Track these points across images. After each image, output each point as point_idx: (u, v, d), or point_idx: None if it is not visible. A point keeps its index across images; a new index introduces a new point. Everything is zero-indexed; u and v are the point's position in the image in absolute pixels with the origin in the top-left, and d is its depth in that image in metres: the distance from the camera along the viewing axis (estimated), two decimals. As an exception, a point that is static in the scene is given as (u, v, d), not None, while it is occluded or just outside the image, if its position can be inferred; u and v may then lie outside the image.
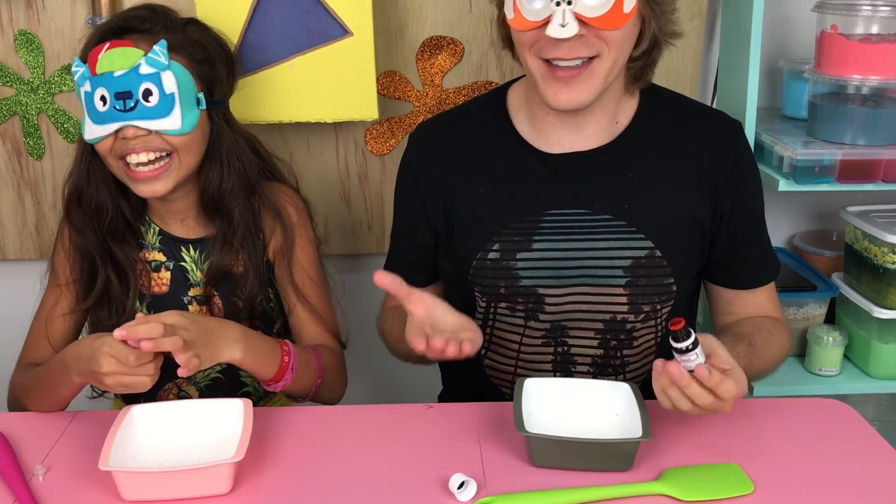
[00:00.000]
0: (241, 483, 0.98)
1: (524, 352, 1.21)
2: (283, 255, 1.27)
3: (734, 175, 1.17)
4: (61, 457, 1.05)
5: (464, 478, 0.96)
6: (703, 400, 0.96)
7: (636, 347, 1.20)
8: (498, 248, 1.17)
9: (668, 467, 1.00)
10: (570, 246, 1.15)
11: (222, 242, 1.24)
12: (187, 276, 1.27)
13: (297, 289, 1.27)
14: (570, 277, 1.15)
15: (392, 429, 1.10)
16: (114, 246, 1.23)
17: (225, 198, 1.23)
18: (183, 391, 1.31)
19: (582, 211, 1.15)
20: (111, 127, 1.14)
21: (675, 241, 1.15)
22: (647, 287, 1.15)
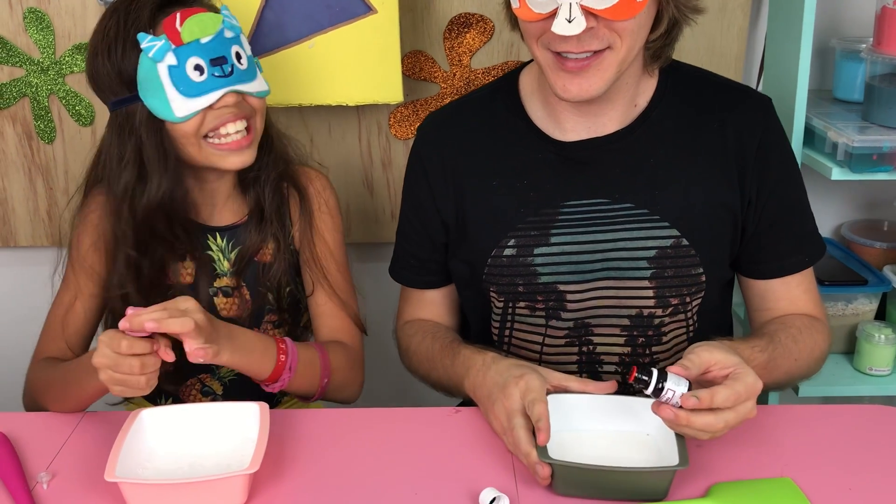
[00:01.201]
0: (256, 494, 0.92)
1: (547, 353, 1.14)
2: (307, 239, 1.21)
3: (762, 154, 1.09)
4: (68, 462, 0.99)
5: (495, 493, 0.89)
6: (718, 424, 0.88)
7: (666, 343, 1.13)
8: (514, 243, 1.10)
9: (716, 482, 0.93)
10: (590, 238, 1.09)
11: (255, 226, 1.18)
12: (214, 266, 1.20)
13: (322, 272, 1.21)
14: (592, 272, 1.09)
15: (416, 435, 1.03)
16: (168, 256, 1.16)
17: (263, 182, 1.18)
18: (207, 386, 1.26)
19: (601, 200, 1.09)
20: (213, 96, 1.06)
21: (703, 228, 1.09)
22: (674, 279, 1.08)
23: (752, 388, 0.89)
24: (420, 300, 1.25)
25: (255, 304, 1.20)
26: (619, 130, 1.10)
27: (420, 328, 1.21)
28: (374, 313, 1.63)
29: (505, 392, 0.97)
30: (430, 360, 1.16)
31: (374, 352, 1.66)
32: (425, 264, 1.22)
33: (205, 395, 1.26)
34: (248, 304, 1.21)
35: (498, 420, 0.98)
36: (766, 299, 1.15)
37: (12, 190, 1.59)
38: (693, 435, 0.90)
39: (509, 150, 1.13)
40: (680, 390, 0.88)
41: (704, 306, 1.13)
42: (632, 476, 0.90)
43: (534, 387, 0.95)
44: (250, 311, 1.20)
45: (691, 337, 1.14)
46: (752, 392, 0.89)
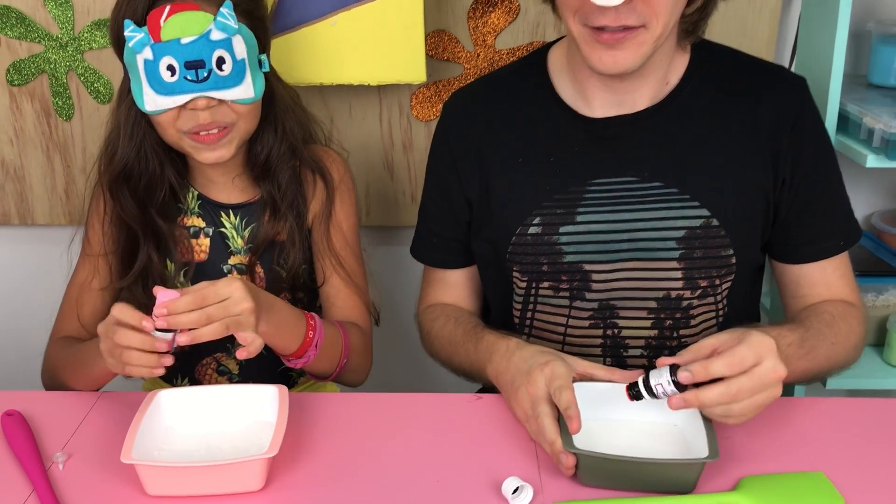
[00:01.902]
0: (274, 479, 0.90)
1: (571, 335, 1.12)
2: (323, 220, 1.20)
3: (797, 135, 1.06)
4: (84, 443, 0.98)
5: (519, 482, 0.87)
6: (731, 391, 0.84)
7: (694, 327, 1.10)
8: (539, 221, 1.08)
9: (745, 476, 0.90)
10: (617, 217, 1.06)
11: (270, 210, 1.17)
12: (227, 244, 1.19)
13: (337, 256, 1.19)
14: (619, 252, 1.07)
15: (437, 421, 1.01)
16: (160, 221, 1.16)
17: (275, 163, 1.16)
18: (223, 365, 1.24)
19: (630, 179, 1.06)
20: (181, 99, 1.05)
21: (734, 209, 1.06)
22: (703, 260, 1.06)
23: (759, 348, 0.86)
24: (442, 282, 1.23)
25: (269, 282, 1.19)
26: (650, 107, 1.07)
27: (442, 312, 1.19)
28: (393, 298, 1.62)
29: (529, 378, 0.95)
30: (451, 344, 1.14)
31: (391, 337, 1.64)
32: (448, 243, 1.20)
33: (220, 375, 1.25)
34: (262, 282, 1.19)
35: (521, 407, 0.96)
36: (801, 285, 1.11)
37: (30, 167, 1.58)
38: (718, 416, 0.87)
39: (537, 127, 1.11)
40: (665, 375, 0.87)
41: (735, 290, 1.10)
42: (661, 468, 0.87)
43: (560, 374, 0.93)
44: (264, 289, 1.19)
45: (721, 322, 1.11)
46: (760, 352, 0.85)
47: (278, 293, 1.19)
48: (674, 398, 0.87)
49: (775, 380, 0.87)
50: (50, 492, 0.88)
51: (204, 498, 0.87)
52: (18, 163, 1.57)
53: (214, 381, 1.25)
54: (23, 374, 1.34)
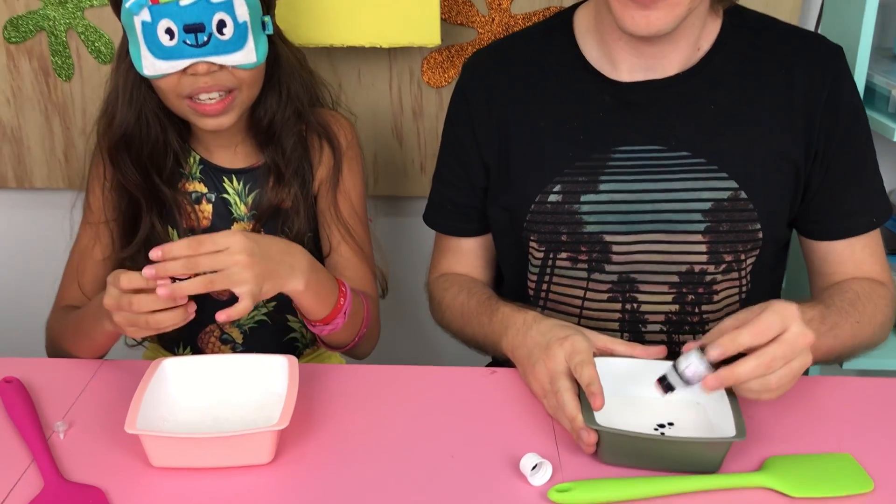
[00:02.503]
0: (283, 452, 0.87)
1: (588, 308, 1.09)
2: (330, 186, 1.16)
3: (831, 106, 1.02)
4: (85, 412, 0.94)
5: (537, 459, 0.84)
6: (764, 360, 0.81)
7: (717, 303, 1.07)
8: (560, 189, 1.04)
9: (770, 456, 0.87)
10: (642, 187, 1.03)
11: (274, 176, 1.13)
12: (230, 210, 1.15)
13: (345, 224, 1.16)
14: (642, 223, 1.03)
15: (451, 395, 0.98)
16: (163, 187, 1.12)
17: (280, 128, 1.12)
18: (226, 334, 1.21)
19: (656, 147, 1.03)
20: (180, 64, 1.01)
21: (763, 181, 1.02)
22: (729, 234, 1.02)
23: (784, 314, 0.82)
24: (456, 251, 1.19)
25: None
26: (680, 74, 1.03)
27: (455, 282, 1.16)
28: (401, 271, 1.58)
29: (548, 353, 0.92)
30: (464, 315, 1.10)
31: (399, 310, 1.61)
32: (463, 210, 1.16)
33: (224, 344, 1.22)
34: None
35: (539, 382, 0.93)
36: (828, 262, 1.08)
37: (28, 129, 1.53)
38: (755, 391, 0.84)
39: (560, 90, 1.07)
40: (694, 357, 0.83)
41: (759, 266, 1.07)
42: (687, 447, 0.84)
43: (580, 348, 0.90)
44: None
45: (744, 298, 1.08)
46: (785, 318, 0.82)
47: None
48: (709, 378, 0.83)
49: (805, 345, 0.83)
50: (50, 461, 0.85)
51: (210, 471, 0.84)
52: (16, 123, 1.52)
53: (217, 351, 1.22)
54: (23, 341, 1.30)
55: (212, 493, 0.82)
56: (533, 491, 0.83)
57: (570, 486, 0.81)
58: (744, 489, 0.83)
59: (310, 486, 0.83)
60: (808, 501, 0.82)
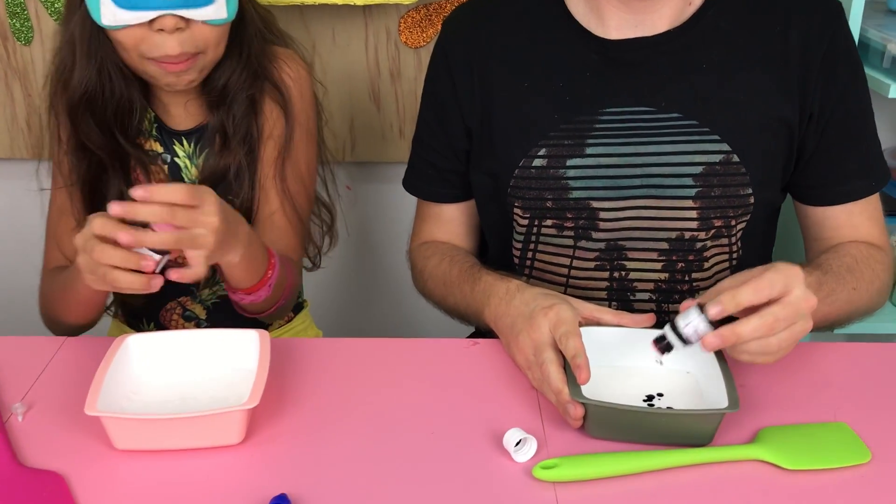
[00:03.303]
0: (254, 431, 0.83)
1: (574, 277, 1.05)
2: (279, 154, 1.09)
3: (828, 64, 0.98)
4: (46, 393, 0.89)
5: (522, 434, 0.80)
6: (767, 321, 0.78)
7: (707, 270, 1.03)
8: (545, 153, 1.00)
9: (764, 426, 0.84)
10: (630, 151, 0.99)
11: (221, 140, 1.07)
12: (181, 176, 1.10)
13: (288, 196, 1.09)
14: (630, 188, 0.99)
15: (430, 368, 0.94)
16: (130, 147, 1.06)
17: (233, 90, 1.06)
18: (188, 310, 1.16)
19: (645, 109, 0.99)
20: (146, 15, 0.94)
21: (757, 144, 0.99)
22: (721, 199, 0.99)
23: (787, 274, 0.79)
24: (437, 217, 1.15)
25: None
26: (670, 30, 0.98)
27: (437, 250, 1.11)
28: (382, 239, 1.54)
29: (532, 323, 0.87)
30: (446, 284, 1.06)
31: (378, 281, 1.57)
32: (444, 175, 1.11)
33: (187, 321, 1.17)
34: None
35: (523, 353, 0.89)
36: (825, 228, 1.05)
37: (-13, 96, 1.46)
38: (754, 353, 0.81)
39: (545, 49, 1.01)
40: (694, 314, 0.80)
41: (749, 232, 1.03)
42: (678, 419, 0.81)
43: (565, 318, 0.86)
44: None
45: (734, 265, 1.05)
46: (788, 279, 0.79)
47: None
48: (709, 337, 0.80)
49: (807, 309, 0.80)
50: (7, 446, 0.80)
51: (177, 452, 0.80)
52: (-26, 91, 1.46)
53: (180, 327, 1.18)
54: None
55: (179, 476, 0.78)
56: (517, 468, 0.79)
57: (556, 463, 0.78)
58: (737, 462, 0.80)
59: (283, 467, 0.79)
60: (804, 474, 0.79)
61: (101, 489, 0.76)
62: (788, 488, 0.77)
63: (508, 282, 0.96)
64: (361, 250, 1.56)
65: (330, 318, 1.51)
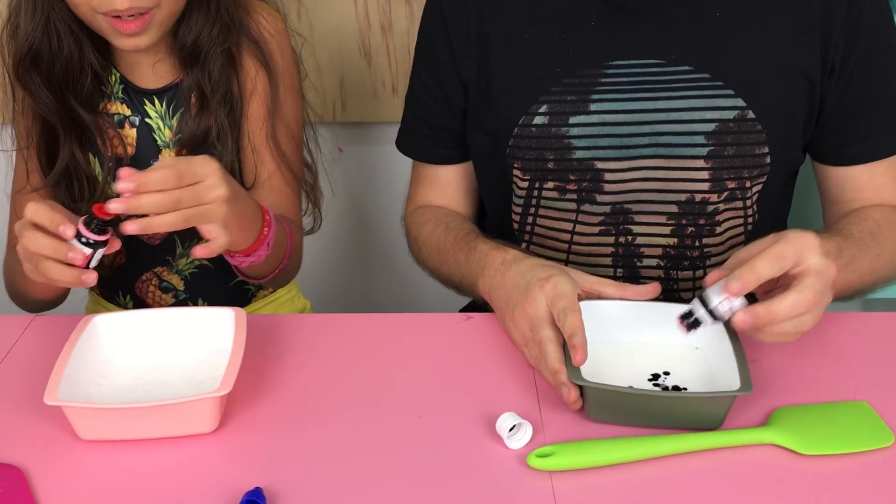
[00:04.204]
0: (229, 418, 0.78)
1: (577, 243, 0.99)
2: (267, 113, 1.03)
3: (853, 13, 0.91)
4: (8, 377, 0.84)
5: (516, 419, 0.74)
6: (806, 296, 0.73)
7: (719, 235, 0.97)
8: (546, 110, 0.94)
9: (778, 407, 0.78)
10: (638, 107, 0.93)
11: (198, 101, 1.01)
12: (154, 136, 1.03)
13: (283, 155, 1.04)
14: (637, 147, 0.93)
15: (419, 346, 0.88)
16: (81, 110, 0.99)
17: (205, 47, 0.99)
18: (165, 282, 1.11)
19: (654, 62, 0.93)
20: None
21: (774, 99, 0.92)
22: (734, 158, 0.93)
23: (800, 243, 0.74)
24: (432, 180, 1.08)
25: None
26: None
27: (432, 216, 1.05)
28: (375, 203, 1.48)
29: (528, 297, 0.81)
30: (440, 253, 1.00)
31: (370, 249, 1.51)
32: (440, 134, 1.05)
33: (164, 292, 1.12)
34: None
35: (518, 329, 0.83)
36: (846, 189, 0.98)
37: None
38: (783, 335, 0.75)
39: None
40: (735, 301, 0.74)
41: (765, 195, 0.97)
42: (686, 403, 0.75)
43: (564, 292, 0.79)
44: None
45: (749, 231, 0.98)
46: (803, 248, 0.74)
47: None
48: (739, 315, 0.74)
49: (830, 279, 0.75)
50: (-35, 437, 0.75)
51: (146, 442, 0.75)
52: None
53: (158, 300, 1.12)
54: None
55: (148, 468, 0.73)
56: (510, 455, 0.73)
57: (553, 450, 0.72)
58: (748, 447, 0.74)
59: (260, 456, 0.74)
60: (821, 459, 0.73)
61: (63, 483, 0.71)
62: (804, 475, 0.71)
63: (504, 251, 0.90)
64: (352, 216, 1.50)
65: (319, 288, 1.46)
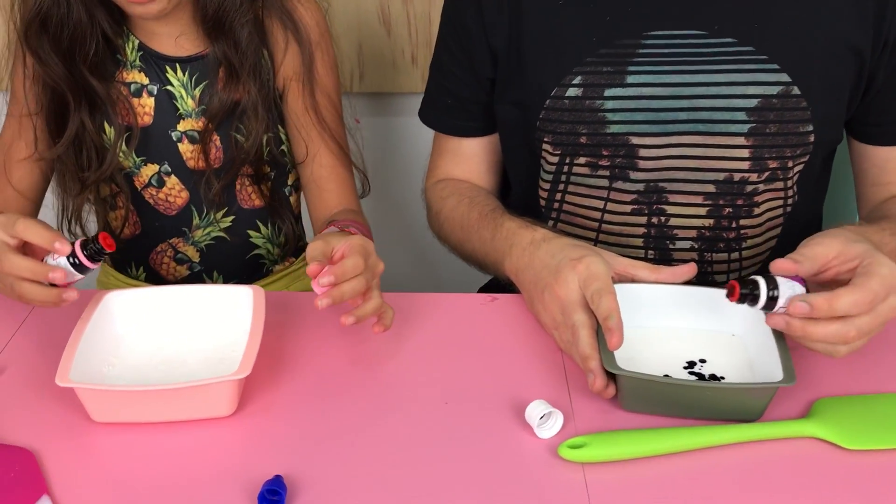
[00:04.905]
0: (248, 401, 0.75)
1: (608, 223, 0.95)
2: (304, 83, 1.00)
3: None
4: (18, 357, 0.81)
5: (546, 408, 0.71)
6: (849, 333, 0.69)
7: (757, 217, 0.94)
8: (580, 81, 0.90)
9: (819, 398, 0.75)
10: (677, 80, 0.89)
11: (226, 72, 0.97)
12: (175, 104, 0.99)
13: (327, 127, 1.01)
14: (675, 123, 0.89)
15: (443, 328, 0.85)
16: (93, 80, 0.96)
17: (230, 16, 0.95)
18: (181, 253, 1.08)
19: (695, 33, 0.89)
20: None
21: (821, 75, 0.88)
22: (776, 136, 0.89)
23: (889, 281, 0.69)
24: (456, 153, 1.04)
25: (226, 153, 1.01)
26: None
27: (455, 189, 1.01)
28: (393, 177, 1.44)
29: (559, 278, 0.78)
30: (463, 228, 0.97)
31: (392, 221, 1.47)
32: (465, 105, 1.01)
33: (179, 264, 1.09)
34: (219, 152, 1.00)
35: (549, 312, 0.80)
36: (887, 171, 0.95)
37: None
38: (819, 349, 0.71)
39: None
40: (794, 291, 0.70)
41: (806, 175, 0.93)
42: (725, 394, 0.72)
43: (597, 273, 0.76)
44: (221, 161, 1.00)
45: (788, 212, 0.94)
46: (890, 286, 0.69)
47: (239, 167, 1.01)
48: (776, 318, 0.70)
49: (891, 318, 0.71)
50: (-26, 418, 0.72)
51: (161, 426, 0.72)
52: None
53: (172, 272, 1.09)
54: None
55: (164, 452, 0.70)
56: (540, 445, 0.70)
57: (585, 441, 0.69)
58: (787, 440, 0.71)
59: (279, 441, 0.71)
60: (864, 454, 0.70)
61: (75, 466, 0.69)
62: (846, 470, 0.68)
63: (533, 230, 0.86)
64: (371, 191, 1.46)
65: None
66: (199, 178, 1.01)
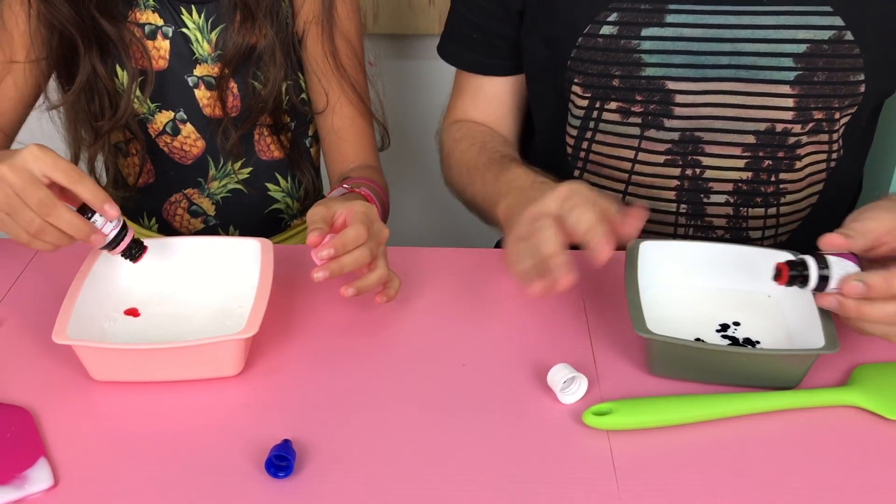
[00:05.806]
0: (256, 360, 0.71)
1: (638, 174, 0.90)
2: (324, 29, 0.94)
3: None
4: (15, 312, 0.78)
5: (570, 372, 0.67)
6: None
7: (798, 171, 0.89)
8: (615, 19, 0.84)
9: (860, 364, 0.70)
10: (719, 21, 0.83)
11: (242, 14, 0.91)
12: (191, 48, 0.94)
13: (347, 76, 0.96)
14: (715, 67, 0.84)
15: (460, 285, 0.81)
16: (103, 20, 0.90)
17: None
18: (195, 205, 1.04)
19: None
20: None
21: (877, 20, 0.82)
22: (825, 85, 0.83)
23: None
24: (476, 93, 0.98)
25: (244, 100, 0.96)
26: None
27: (469, 132, 0.95)
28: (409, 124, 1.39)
29: (536, 201, 0.70)
30: (469, 172, 0.91)
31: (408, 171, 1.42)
32: (490, 41, 0.94)
33: (193, 216, 1.05)
34: (237, 100, 0.96)
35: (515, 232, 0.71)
36: None
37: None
38: (870, 331, 0.66)
39: None
40: (846, 269, 0.66)
41: (851, 127, 0.87)
42: (764, 361, 0.67)
43: (580, 190, 0.69)
44: (238, 108, 0.96)
45: (832, 168, 0.89)
46: None
47: (258, 115, 0.96)
48: (827, 298, 0.66)
49: None
50: (-30, 374, 0.69)
51: (164, 385, 0.68)
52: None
53: (186, 224, 1.05)
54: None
55: (167, 413, 0.67)
56: (563, 410, 0.67)
57: (611, 408, 0.65)
58: (826, 408, 0.67)
59: (288, 403, 0.68)
60: (908, 425, 0.65)
61: (74, 426, 0.65)
62: (887, 441, 0.64)
63: (543, 179, 0.78)
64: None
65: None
66: (215, 126, 0.97)
